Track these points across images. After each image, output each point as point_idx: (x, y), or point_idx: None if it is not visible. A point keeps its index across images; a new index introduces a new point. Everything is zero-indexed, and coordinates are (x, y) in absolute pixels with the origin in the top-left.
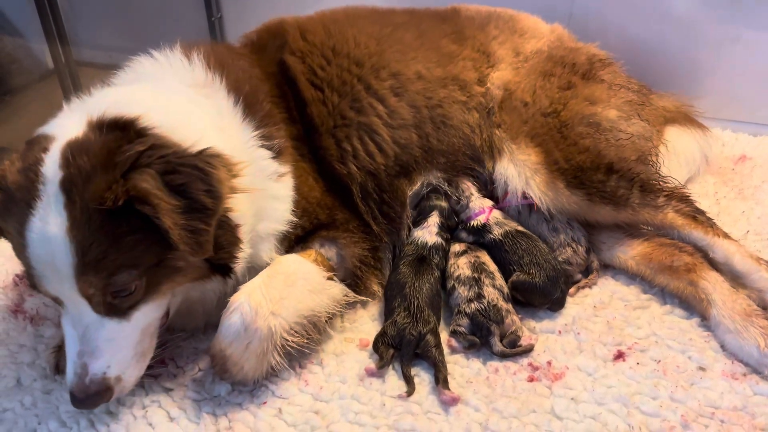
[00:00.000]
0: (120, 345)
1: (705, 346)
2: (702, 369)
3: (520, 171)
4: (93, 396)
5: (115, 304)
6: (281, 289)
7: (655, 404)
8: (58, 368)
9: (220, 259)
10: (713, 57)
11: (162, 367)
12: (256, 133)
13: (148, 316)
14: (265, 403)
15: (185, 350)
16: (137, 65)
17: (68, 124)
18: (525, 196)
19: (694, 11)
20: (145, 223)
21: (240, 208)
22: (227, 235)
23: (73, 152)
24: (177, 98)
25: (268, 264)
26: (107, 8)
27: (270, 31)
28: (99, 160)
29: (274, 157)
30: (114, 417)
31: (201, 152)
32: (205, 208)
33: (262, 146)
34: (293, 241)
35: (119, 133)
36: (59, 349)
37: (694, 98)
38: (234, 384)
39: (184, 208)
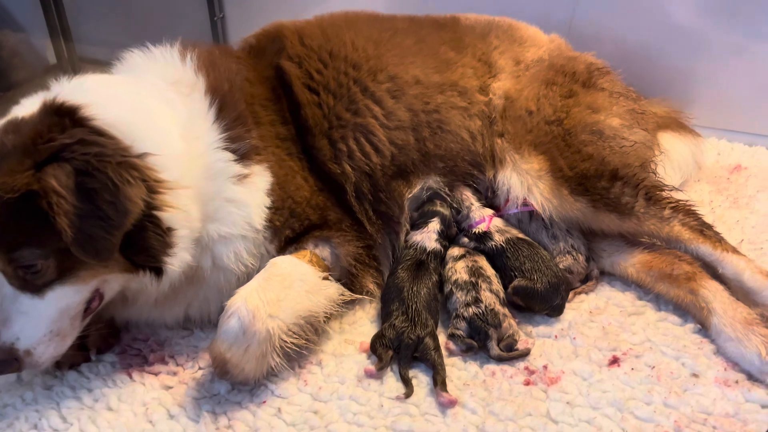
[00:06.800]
0: (32, 320)
1: (698, 352)
2: (695, 375)
3: (522, 180)
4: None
5: (27, 280)
6: (278, 291)
7: (649, 409)
8: (58, 364)
9: (147, 261)
10: (710, 67)
11: (161, 365)
12: (223, 135)
13: (65, 298)
14: (264, 402)
15: (185, 348)
16: (130, 57)
17: (30, 104)
18: (525, 203)
19: (694, 21)
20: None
21: (182, 209)
22: (154, 239)
23: (7, 129)
24: (144, 93)
25: (233, 269)
26: (111, 5)
27: (268, 35)
28: (22, 142)
29: (237, 160)
30: (115, 413)
31: (122, 162)
32: (107, 218)
33: (225, 149)
34: (285, 242)
35: (56, 119)
36: None
37: (690, 106)
38: (234, 384)
39: (88, 212)
